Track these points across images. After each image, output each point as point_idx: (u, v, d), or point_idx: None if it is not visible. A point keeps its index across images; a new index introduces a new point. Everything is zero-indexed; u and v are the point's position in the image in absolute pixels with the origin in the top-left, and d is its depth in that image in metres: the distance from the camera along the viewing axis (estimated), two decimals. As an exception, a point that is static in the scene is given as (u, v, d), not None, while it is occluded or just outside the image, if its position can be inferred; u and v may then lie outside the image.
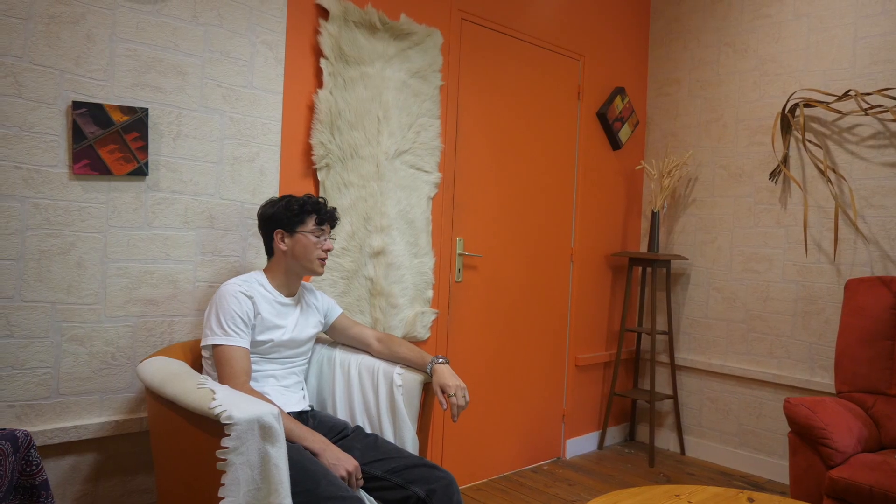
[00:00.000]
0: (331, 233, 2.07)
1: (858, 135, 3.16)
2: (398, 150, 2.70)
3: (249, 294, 1.90)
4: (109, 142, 1.97)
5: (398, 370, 2.07)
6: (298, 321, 2.03)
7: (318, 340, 2.28)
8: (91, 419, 1.98)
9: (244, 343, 1.85)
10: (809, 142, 3.31)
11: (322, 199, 2.05)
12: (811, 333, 3.29)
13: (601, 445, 3.80)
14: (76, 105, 1.91)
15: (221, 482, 1.44)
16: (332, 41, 2.48)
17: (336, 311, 2.20)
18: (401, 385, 2.04)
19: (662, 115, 3.97)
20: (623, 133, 3.82)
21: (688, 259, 3.77)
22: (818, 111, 3.29)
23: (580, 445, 3.70)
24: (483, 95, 3.11)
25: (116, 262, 2.02)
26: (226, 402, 1.46)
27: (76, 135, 1.91)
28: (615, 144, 3.81)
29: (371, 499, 1.80)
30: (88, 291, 1.97)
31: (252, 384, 1.87)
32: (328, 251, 2.02)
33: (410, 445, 2.01)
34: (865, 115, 3.10)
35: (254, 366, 1.92)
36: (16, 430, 1.51)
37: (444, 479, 1.80)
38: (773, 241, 3.45)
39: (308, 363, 2.19)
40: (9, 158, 1.82)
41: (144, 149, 2.04)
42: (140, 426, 2.06)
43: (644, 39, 4.02)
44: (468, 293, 3.09)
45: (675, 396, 3.76)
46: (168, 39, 2.09)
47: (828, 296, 3.24)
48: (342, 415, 2.14)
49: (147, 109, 2.04)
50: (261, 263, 2.32)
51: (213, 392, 1.51)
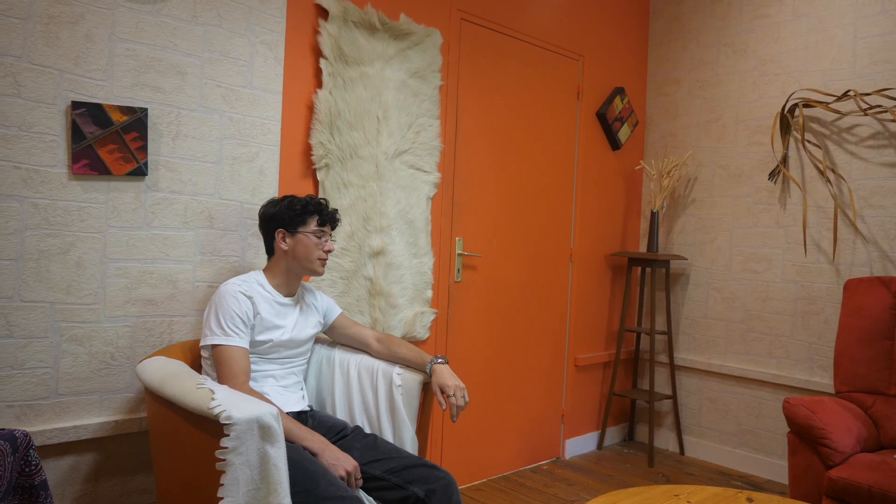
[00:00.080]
0: (331, 234, 2.08)
1: (858, 135, 3.16)
2: (398, 150, 2.70)
3: (249, 294, 1.90)
4: (109, 142, 1.97)
5: (397, 370, 2.07)
6: (298, 321, 2.03)
7: (318, 340, 2.28)
8: (90, 419, 1.98)
9: (243, 343, 1.85)
10: (809, 142, 3.31)
11: (324, 201, 2.05)
12: (810, 333, 3.29)
13: (600, 445, 3.80)
14: (75, 105, 1.91)
15: (221, 482, 1.44)
16: (332, 41, 2.48)
17: (335, 311, 2.20)
18: (400, 385, 2.04)
19: (662, 116, 3.97)
20: (622, 133, 3.82)
21: (687, 259, 3.77)
22: (817, 111, 3.29)
23: (579, 445, 3.70)
24: (482, 95, 3.11)
25: (116, 262, 2.02)
26: (225, 402, 1.46)
27: (75, 135, 1.91)
28: (615, 144, 3.81)
29: (370, 499, 1.80)
30: (88, 291, 1.97)
31: (251, 384, 1.87)
32: (329, 252, 2.03)
33: (410, 445, 2.01)
34: (865, 116, 3.10)
35: (253, 366, 1.92)
36: (15, 430, 1.50)
37: (444, 479, 1.80)
38: (773, 242, 3.45)
39: (307, 363, 2.19)
40: (8, 158, 1.82)
41: (144, 149, 2.04)
42: (139, 426, 2.06)
43: (644, 39, 4.02)
44: (467, 293, 3.09)
45: (675, 396, 3.76)
46: (167, 39, 2.09)
47: (827, 296, 3.24)
48: (341, 415, 2.14)
49: (146, 109, 2.04)
50: (260, 263, 2.32)
51: (213, 392, 1.52)
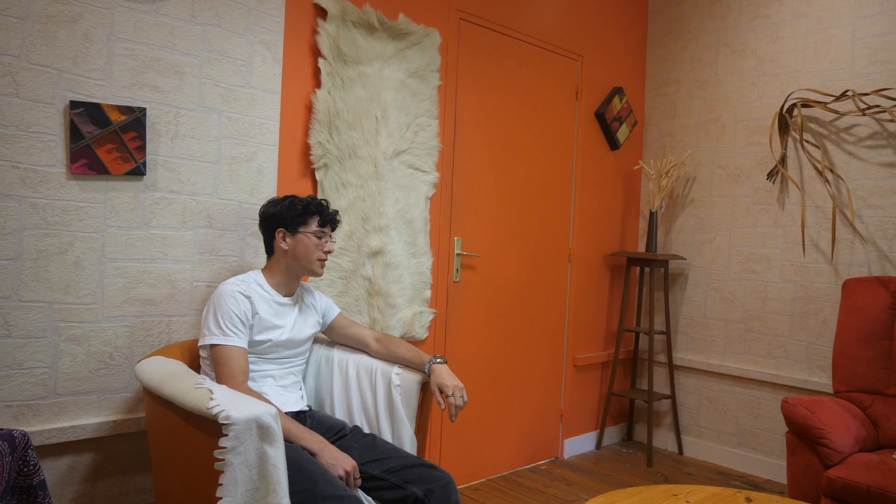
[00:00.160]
0: (331, 235, 2.08)
1: (856, 135, 3.16)
2: (396, 150, 2.70)
3: (247, 294, 1.90)
4: (107, 141, 1.97)
5: (396, 370, 2.07)
6: (297, 321, 2.03)
7: (317, 340, 2.28)
8: (89, 419, 1.98)
9: (242, 343, 1.85)
10: (807, 142, 3.31)
11: (325, 202, 2.05)
12: (809, 333, 3.29)
13: (599, 445, 3.81)
14: (74, 104, 1.90)
15: (219, 482, 1.44)
16: (331, 41, 2.48)
17: (334, 311, 2.20)
18: (399, 385, 2.04)
19: (661, 115, 3.97)
20: (621, 133, 3.82)
21: (686, 259, 3.77)
22: (816, 111, 3.29)
23: (578, 445, 3.70)
24: (481, 95, 3.11)
25: (114, 262, 2.02)
26: (224, 402, 1.46)
27: (74, 134, 1.91)
28: (613, 144, 3.81)
29: (369, 498, 1.80)
30: (86, 291, 1.96)
31: (250, 384, 1.87)
32: (328, 253, 2.03)
33: (408, 445, 2.01)
34: (863, 116, 3.10)
35: (252, 366, 1.92)
36: (13, 430, 1.50)
37: (443, 479, 1.80)
38: (771, 241, 3.45)
39: (306, 363, 2.19)
40: (6, 158, 1.82)
41: (142, 148, 2.04)
42: (138, 426, 2.06)
43: (642, 39, 4.02)
44: (466, 293, 3.09)
45: (673, 396, 3.76)
46: (166, 39, 2.09)
47: (825, 296, 3.24)
48: (340, 415, 2.14)
49: (145, 109, 2.03)
50: (259, 263, 2.32)
51: (211, 392, 1.51)
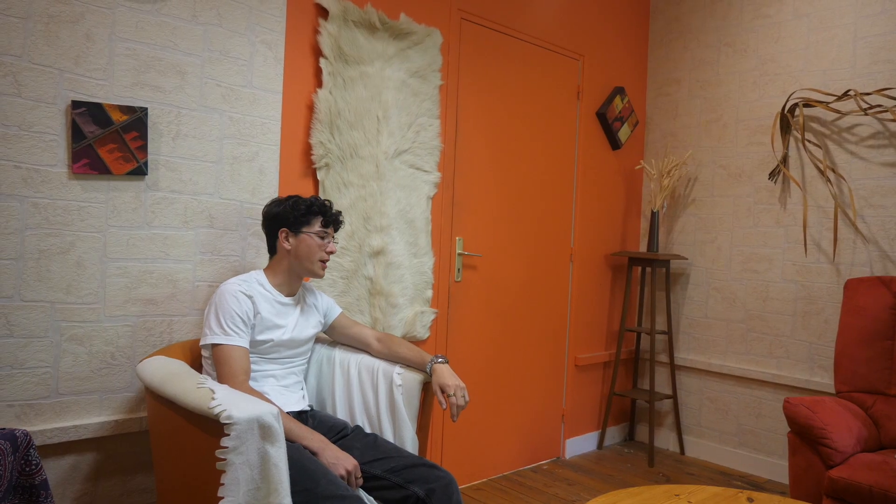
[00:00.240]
0: (334, 236, 2.08)
1: (858, 135, 3.16)
2: (398, 150, 2.70)
3: (249, 294, 1.90)
4: (109, 141, 1.97)
5: (398, 370, 2.07)
6: (298, 321, 2.03)
7: (318, 340, 2.28)
8: (90, 419, 1.98)
9: (243, 343, 1.85)
10: (809, 142, 3.31)
11: (328, 202, 2.05)
12: (811, 333, 3.29)
13: (601, 445, 3.80)
14: (75, 104, 1.90)
15: (221, 482, 1.44)
16: (332, 41, 2.48)
17: (335, 311, 2.20)
18: (400, 385, 2.04)
19: (662, 115, 3.97)
20: (623, 133, 3.82)
21: (687, 259, 3.77)
22: (818, 111, 3.29)
23: (580, 445, 3.70)
24: (483, 95, 3.11)
25: (116, 262, 2.02)
26: (225, 402, 1.46)
27: (75, 134, 1.91)
28: (615, 144, 3.81)
29: (370, 498, 1.80)
30: (88, 291, 1.96)
31: (252, 384, 1.87)
32: (331, 253, 2.03)
33: (410, 445, 2.01)
34: (865, 115, 3.10)
35: (253, 366, 1.92)
36: (15, 430, 1.50)
37: (444, 479, 1.80)
38: (773, 241, 3.45)
39: (308, 363, 2.19)
40: (8, 158, 1.82)
41: (144, 148, 2.04)
42: (139, 426, 2.06)
43: (644, 39, 4.02)
44: (468, 293, 3.09)
45: (675, 396, 3.76)
46: (167, 39, 2.09)
47: (827, 296, 3.24)
48: (342, 414, 2.14)
49: (146, 109, 2.04)
50: (260, 263, 2.32)
51: (213, 392, 1.51)
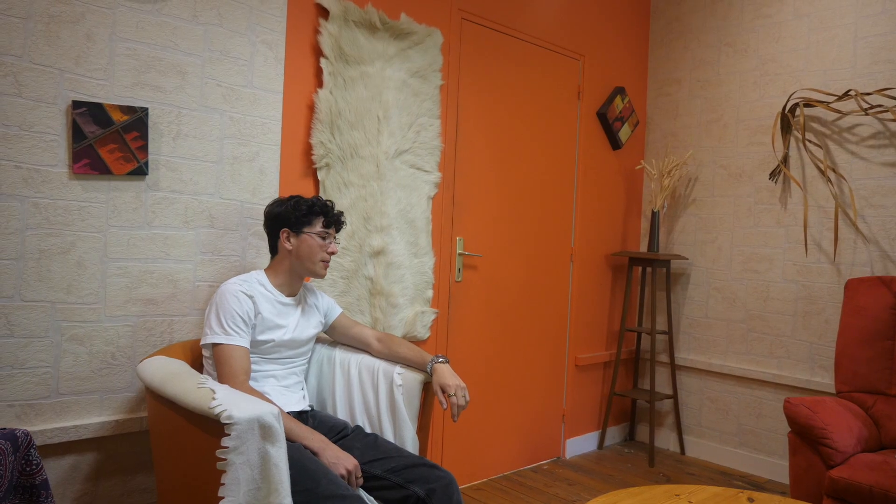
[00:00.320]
0: (336, 237, 2.07)
1: (858, 135, 3.16)
2: (398, 150, 2.70)
3: (250, 293, 1.90)
4: (109, 141, 1.97)
5: (398, 370, 2.07)
6: (299, 321, 2.03)
7: (318, 340, 2.28)
8: (91, 419, 1.98)
9: (244, 342, 1.85)
10: (809, 141, 3.31)
11: (330, 203, 2.05)
12: (811, 333, 3.29)
13: (601, 445, 3.80)
14: (76, 104, 1.90)
15: (221, 482, 1.44)
16: (332, 41, 2.48)
17: (336, 311, 2.20)
18: (401, 384, 2.04)
19: (662, 115, 3.97)
20: (623, 133, 3.82)
21: (688, 259, 3.77)
22: (818, 111, 3.29)
23: (580, 445, 3.70)
24: (483, 95, 3.11)
25: (116, 262, 2.02)
26: (226, 402, 1.46)
27: (76, 134, 1.91)
28: (615, 144, 3.81)
29: (371, 498, 1.80)
30: (88, 291, 1.97)
31: (252, 384, 1.87)
32: (332, 254, 2.03)
33: (410, 445, 2.01)
34: (865, 115, 3.10)
35: (254, 366, 1.92)
36: (16, 430, 1.51)
37: (444, 479, 1.80)
38: (773, 241, 3.45)
39: (308, 363, 2.19)
40: (9, 158, 1.82)
41: (144, 148, 2.04)
42: (140, 426, 2.06)
43: (644, 39, 4.02)
44: (468, 293, 3.09)
45: (675, 396, 3.76)
46: (168, 39, 2.09)
47: (828, 296, 3.24)
48: (342, 414, 2.14)
49: (147, 109, 2.04)
50: (261, 263, 2.32)
51: (213, 392, 1.51)
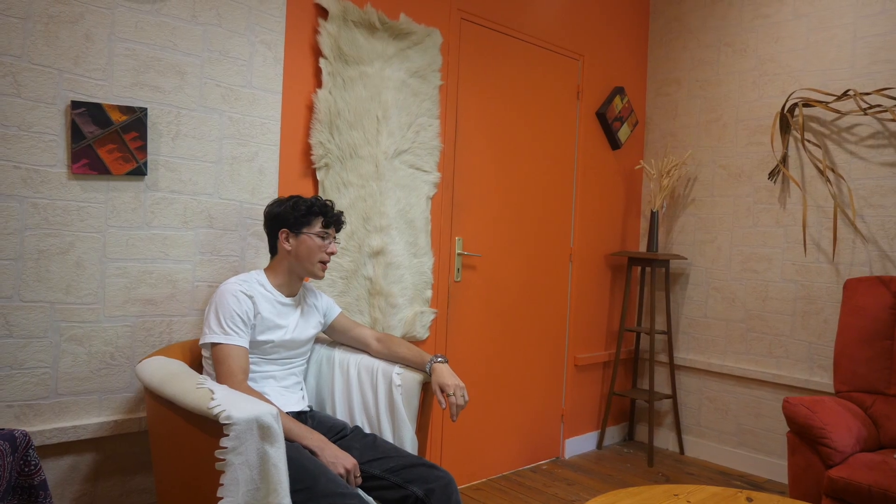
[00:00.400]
0: (335, 237, 2.07)
1: (857, 134, 3.16)
2: (397, 150, 2.70)
3: (249, 294, 1.90)
4: (108, 141, 1.97)
5: (397, 370, 2.07)
6: (299, 322, 2.03)
7: (317, 340, 2.28)
8: (90, 419, 1.98)
9: (243, 342, 1.85)
10: (808, 141, 3.31)
11: (330, 203, 2.04)
12: (810, 333, 3.29)
13: (600, 445, 3.80)
14: (75, 105, 1.90)
15: (220, 482, 1.44)
16: (332, 41, 2.48)
17: (335, 311, 2.20)
18: (400, 385, 2.04)
19: (662, 115, 3.97)
20: (622, 133, 3.82)
21: (687, 259, 3.77)
22: (817, 111, 3.29)
23: (579, 445, 3.70)
24: (482, 95, 3.11)
25: (115, 262, 2.02)
26: (225, 402, 1.46)
27: (75, 134, 1.91)
28: (614, 144, 3.81)
29: (370, 498, 1.80)
30: (87, 291, 1.96)
31: (252, 384, 1.87)
32: (332, 254, 2.02)
33: (409, 445, 2.01)
34: (864, 115, 3.10)
35: (253, 366, 1.92)
36: (14, 430, 1.50)
37: (443, 479, 1.80)
38: (773, 241, 3.45)
39: (307, 363, 2.19)
40: (7, 158, 1.82)
41: (143, 148, 2.04)
42: (139, 426, 2.06)
43: (644, 39, 4.02)
44: (467, 293, 3.09)
45: (674, 396, 3.76)
46: (167, 39, 2.09)
47: (827, 295, 3.24)
48: (341, 415, 2.14)
49: (146, 109, 2.04)
50: (260, 263, 2.32)
51: (212, 392, 1.51)
